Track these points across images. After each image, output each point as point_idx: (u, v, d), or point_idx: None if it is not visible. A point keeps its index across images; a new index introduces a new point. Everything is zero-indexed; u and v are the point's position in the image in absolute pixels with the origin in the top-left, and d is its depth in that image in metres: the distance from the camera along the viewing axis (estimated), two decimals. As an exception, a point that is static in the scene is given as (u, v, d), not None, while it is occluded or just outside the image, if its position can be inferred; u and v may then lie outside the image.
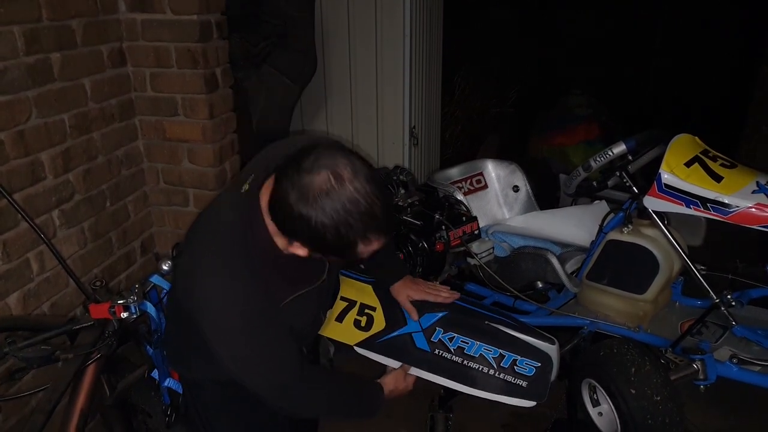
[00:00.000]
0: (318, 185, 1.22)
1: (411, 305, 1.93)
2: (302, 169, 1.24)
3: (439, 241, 2.63)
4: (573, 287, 2.68)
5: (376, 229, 1.28)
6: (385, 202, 1.29)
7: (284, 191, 1.25)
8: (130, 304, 1.64)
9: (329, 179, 1.22)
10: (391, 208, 1.36)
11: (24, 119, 2.10)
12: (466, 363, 1.83)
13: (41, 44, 2.13)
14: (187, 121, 2.70)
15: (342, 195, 1.22)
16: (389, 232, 1.35)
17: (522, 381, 1.81)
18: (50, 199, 2.26)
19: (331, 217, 1.23)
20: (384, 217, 1.28)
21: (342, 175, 1.23)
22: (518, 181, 3.24)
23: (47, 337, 1.58)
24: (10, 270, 2.12)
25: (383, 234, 1.31)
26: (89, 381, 1.67)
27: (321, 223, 1.23)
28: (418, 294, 1.94)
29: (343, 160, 1.25)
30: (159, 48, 2.58)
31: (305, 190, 1.22)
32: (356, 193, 1.23)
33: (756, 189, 2.16)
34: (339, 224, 1.23)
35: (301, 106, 3.57)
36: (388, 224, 1.32)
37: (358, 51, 3.45)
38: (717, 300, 2.31)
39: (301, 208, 1.23)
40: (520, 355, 1.80)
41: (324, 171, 1.23)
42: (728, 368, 2.24)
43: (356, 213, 1.23)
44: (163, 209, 2.90)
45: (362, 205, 1.23)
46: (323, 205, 1.22)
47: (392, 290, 1.97)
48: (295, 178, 1.24)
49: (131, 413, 2.18)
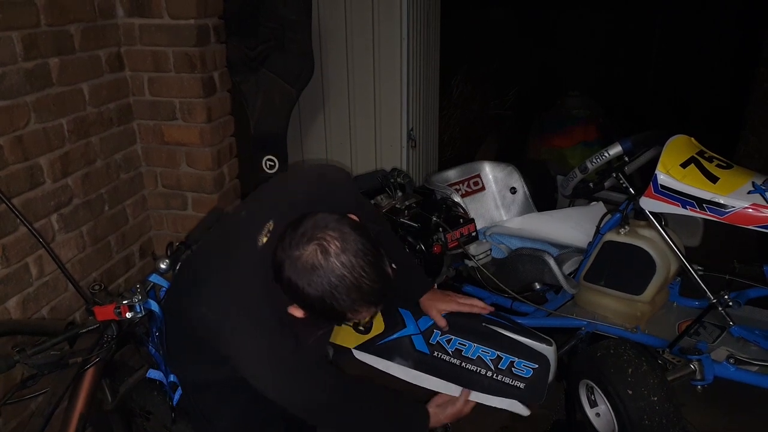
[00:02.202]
0: (305, 258, 1.28)
1: (443, 318, 1.85)
2: (294, 240, 1.30)
3: (437, 243, 2.64)
4: (570, 288, 2.68)
5: (364, 302, 1.32)
6: (377, 276, 1.31)
7: (280, 259, 1.32)
8: (136, 304, 1.64)
9: (316, 253, 1.27)
10: (386, 280, 1.35)
11: (23, 124, 2.10)
12: (464, 365, 1.84)
13: (39, 49, 2.14)
14: (185, 124, 2.71)
15: (327, 269, 1.27)
16: (379, 303, 1.38)
17: (519, 383, 1.81)
18: (49, 203, 2.27)
19: (316, 291, 1.28)
20: (373, 291, 1.31)
21: (329, 249, 1.27)
22: (516, 182, 3.25)
23: (55, 342, 1.57)
24: (10, 274, 2.12)
25: (373, 306, 1.36)
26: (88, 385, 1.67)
27: (308, 294, 1.29)
28: (450, 306, 1.86)
29: (332, 233, 1.29)
30: (157, 52, 2.59)
31: (295, 262, 1.29)
32: (342, 268, 1.27)
33: (752, 189, 2.17)
34: (325, 297, 1.28)
35: (299, 109, 3.58)
36: (378, 297, 1.34)
37: (355, 54, 3.45)
38: (714, 300, 2.32)
39: (292, 276, 1.29)
40: (517, 357, 1.81)
41: (312, 244, 1.28)
42: (725, 368, 2.24)
43: (342, 288, 1.28)
44: (162, 213, 2.90)
45: (348, 279, 1.27)
46: (309, 279, 1.28)
47: (421, 304, 1.89)
48: (288, 248, 1.30)
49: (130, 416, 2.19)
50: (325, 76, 3.51)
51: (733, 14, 6.37)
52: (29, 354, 1.50)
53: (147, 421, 2.13)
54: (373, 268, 1.30)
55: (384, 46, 3.40)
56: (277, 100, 3.00)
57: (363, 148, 3.67)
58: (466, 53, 6.03)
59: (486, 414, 2.85)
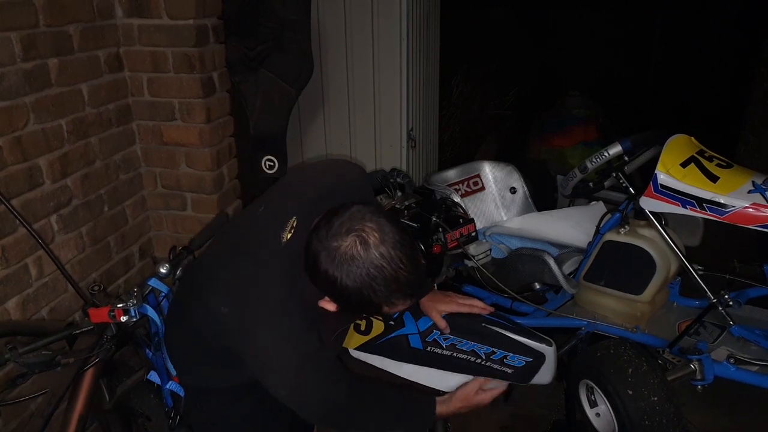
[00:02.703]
0: (344, 249, 1.26)
1: (443, 320, 1.83)
2: (331, 231, 1.28)
3: (437, 244, 2.64)
4: (570, 288, 2.68)
5: (401, 295, 1.32)
6: (413, 268, 1.31)
7: (315, 250, 1.30)
8: (130, 308, 1.64)
9: (355, 244, 1.26)
10: (420, 272, 1.36)
11: (22, 125, 2.10)
12: (456, 355, 1.83)
13: (38, 50, 2.13)
14: (184, 125, 2.71)
15: (367, 260, 1.26)
16: (416, 296, 1.39)
17: (508, 369, 1.81)
18: (48, 204, 2.27)
19: (355, 282, 1.27)
20: (409, 283, 1.31)
21: (368, 240, 1.27)
22: (515, 182, 3.24)
23: (48, 342, 1.58)
24: (9, 275, 2.12)
25: (409, 298, 1.35)
26: (88, 385, 1.67)
27: (346, 285, 1.28)
28: (450, 306, 1.85)
29: (371, 225, 1.28)
30: (156, 53, 2.59)
31: (333, 253, 1.27)
32: (381, 259, 1.26)
33: (752, 189, 2.17)
34: (363, 288, 1.27)
35: (298, 109, 3.57)
36: (414, 289, 1.34)
37: (355, 54, 3.45)
38: (714, 300, 2.32)
39: (329, 268, 1.28)
40: (512, 353, 1.81)
41: (351, 235, 1.27)
42: (726, 368, 2.24)
43: (380, 279, 1.27)
44: (161, 213, 2.90)
45: (387, 271, 1.27)
46: (348, 270, 1.26)
47: (421, 305, 1.87)
48: (325, 239, 1.28)
49: (131, 417, 2.19)
50: (325, 76, 3.50)
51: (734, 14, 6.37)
52: (20, 352, 1.50)
53: (148, 421, 2.14)
54: (409, 261, 1.30)
55: (383, 46, 3.40)
56: (276, 101, 2.99)
57: (363, 148, 3.66)
58: (466, 53, 6.03)
59: (487, 414, 2.87)
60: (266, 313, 1.40)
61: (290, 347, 1.40)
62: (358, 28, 3.39)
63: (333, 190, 1.55)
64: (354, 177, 1.70)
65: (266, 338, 1.40)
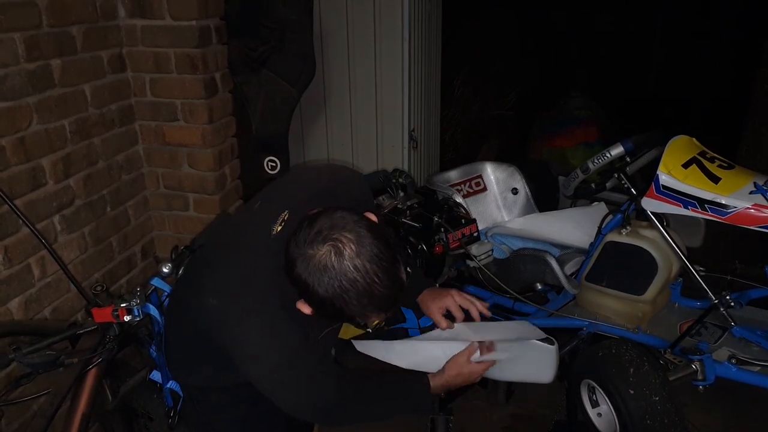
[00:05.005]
0: (318, 258, 1.24)
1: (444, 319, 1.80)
2: (309, 237, 1.26)
3: (438, 244, 2.64)
4: (572, 289, 2.68)
5: (374, 309, 1.30)
6: (389, 282, 1.28)
7: (292, 256, 1.28)
8: (134, 307, 1.65)
9: (330, 254, 1.24)
10: (398, 287, 1.31)
11: (25, 125, 2.11)
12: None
13: (41, 50, 2.14)
14: (186, 125, 2.71)
15: (340, 272, 1.24)
16: (390, 309, 1.35)
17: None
18: (51, 204, 2.27)
19: (326, 292, 1.25)
20: (384, 297, 1.28)
21: (343, 251, 1.24)
22: (517, 183, 3.25)
23: (51, 342, 1.59)
24: (12, 275, 2.13)
25: (382, 311, 1.33)
26: (90, 385, 1.68)
27: (318, 294, 1.26)
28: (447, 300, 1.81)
29: (349, 235, 1.25)
30: (158, 53, 2.60)
31: (307, 260, 1.25)
32: (355, 272, 1.24)
33: (753, 190, 2.17)
34: (334, 300, 1.25)
35: (300, 110, 3.58)
36: (389, 305, 1.32)
37: (356, 54, 3.45)
38: (716, 301, 2.32)
39: (302, 274, 1.26)
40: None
41: (327, 245, 1.24)
42: (727, 369, 2.24)
43: (353, 292, 1.24)
44: (164, 214, 2.91)
45: (360, 284, 1.24)
46: (320, 280, 1.24)
47: (421, 303, 1.85)
48: (302, 245, 1.26)
49: (132, 417, 2.19)
50: (327, 77, 3.51)
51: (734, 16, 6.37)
52: (24, 353, 1.51)
53: (150, 421, 2.14)
54: (386, 274, 1.27)
55: (385, 47, 3.40)
56: (278, 101, 3.00)
57: (364, 149, 3.67)
58: (467, 54, 6.03)
59: (488, 414, 2.87)
60: (250, 304, 1.39)
61: (272, 337, 1.39)
62: (360, 28, 3.39)
63: (329, 189, 1.55)
64: (352, 178, 1.69)
65: (249, 329, 1.38)
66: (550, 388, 1.86)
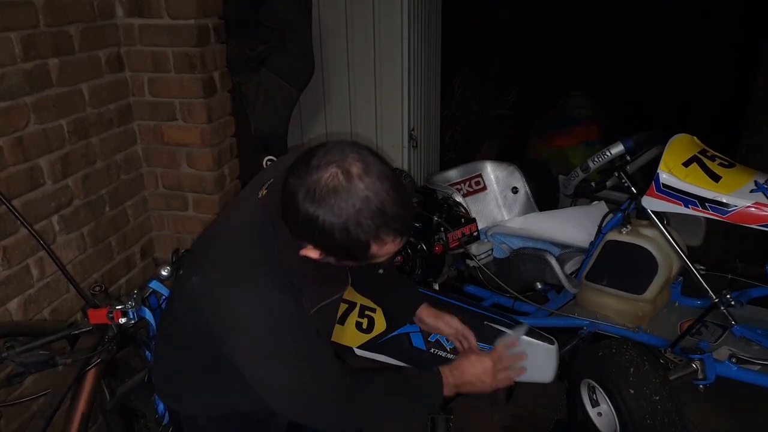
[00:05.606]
0: (325, 182, 1.15)
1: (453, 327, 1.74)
2: (310, 165, 1.17)
3: (438, 243, 2.64)
4: (572, 288, 2.68)
5: (390, 230, 1.20)
6: (401, 200, 1.20)
7: (293, 189, 1.19)
8: (128, 310, 1.64)
9: (337, 175, 1.16)
10: (408, 207, 1.25)
11: (22, 125, 2.10)
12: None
13: (39, 50, 2.13)
14: (185, 125, 2.70)
15: (351, 192, 1.15)
16: (405, 233, 1.25)
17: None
18: (49, 204, 2.26)
19: (339, 217, 1.16)
20: (398, 216, 1.19)
21: (351, 171, 1.16)
22: (517, 182, 3.25)
23: (45, 342, 1.58)
24: (11, 276, 2.12)
25: (398, 234, 1.23)
26: (90, 386, 1.67)
27: (329, 222, 1.16)
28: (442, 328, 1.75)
29: (353, 156, 1.18)
30: (157, 53, 2.59)
31: (312, 187, 1.16)
32: (367, 191, 1.16)
33: (754, 188, 2.17)
34: (348, 223, 1.16)
35: (299, 109, 3.57)
36: (402, 223, 1.22)
37: (356, 53, 3.45)
38: (716, 300, 2.32)
39: (308, 206, 1.16)
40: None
41: (332, 167, 1.16)
42: (727, 368, 2.24)
43: (366, 211, 1.16)
44: (163, 214, 2.90)
45: (373, 202, 1.16)
46: (331, 204, 1.15)
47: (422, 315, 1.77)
48: (303, 175, 1.18)
49: (133, 417, 2.19)
50: (326, 77, 3.51)
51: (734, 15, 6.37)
52: (18, 351, 1.50)
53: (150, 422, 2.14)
54: (396, 191, 1.19)
55: (385, 46, 3.40)
56: (277, 101, 2.99)
57: (364, 149, 3.66)
58: (467, 53, 6.03)
59: (488, 414, 2.87)
60: (235, 272, 1.31)
61: (258, 303, 1.28)
62: (359, 28, 3.39)
63: None
64: None
65: (236, 298, 1.29)
66: (550, 388, 1.85)
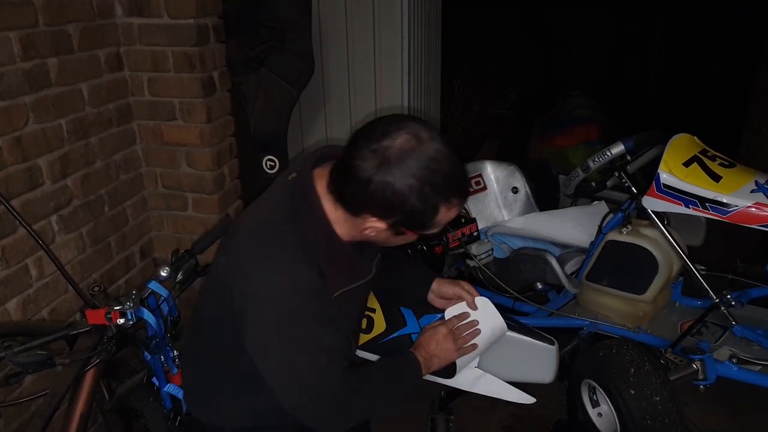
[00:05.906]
0: (399, 146, 1.19)
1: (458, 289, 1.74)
2: (375, 135, 1.21)
3: (438, 244, 2.63)
4: (572, 288, 2.68)
5: (459, 191, 1.27)
6: (461, 165, 1.27)
7: (358, 162, 1.21)
8: (127, 311, 1.64)
9: (410, 140, 1.19)
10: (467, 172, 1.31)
11: (21, 125, 2.10)
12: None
13: (38, 50, 2.13)
14: (185, 125, 2.70)
15: (426, 154, 1.20)
16: (465, 198, 1.32)
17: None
18: (48, 204, 2.26)
19: (415, 177, 1.19)
20: (462, 180, 1.28)
21: (421, 135, 1.21)
22: (517, 182, 3.24)
23: (43, 342, 1.57)
24: (9, 276, 2.12)
25: (464, 197, 1.30)
26: (89, 386, 1.67)
27: (406, 185, 1.19)
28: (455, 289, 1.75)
29: (416, 123, 1.23)
30: (156, 52, 2.59)
31: (385, 153, 1.19)
32: (437, 153, 1.21)
33: (755, 188, 2.17)
34: (424, 184, 1.20)
35: (299, 109, 3.57)
36: (466, 187, 1.31)
37: (356, 53, 3.45)
38: (717, 300, 2.31)
39: (382, 173, 1.19)
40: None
41: (402, 132, 1.20)
42: (728, 368, 2.24)
43: (440, 172, 1.21)
44: (162, 213, 2.90)
45: (444, 164, 1.22)
46: (408, 166, 1.19)
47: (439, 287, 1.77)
48: (372, 144, 1.20)
49: (132, 417, 2.18)
50: (326, 76, 3.50)
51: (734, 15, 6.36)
52: (15, 351, 1.50)
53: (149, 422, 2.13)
54: (456, 156, 1.26)
55: (384, 46, 3.39)
56: (277, 100, 2.99)
57: (364, 149, 3.66)
58: (467, 53, 6.02)
59: (488, 414, 2.86)
60: (263, 247, 1.33)
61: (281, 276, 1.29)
62: (359, 28, 3.38)
63: None
64: None
65: (263, 268, 1.30)
66: (550, 388, 1.85)
